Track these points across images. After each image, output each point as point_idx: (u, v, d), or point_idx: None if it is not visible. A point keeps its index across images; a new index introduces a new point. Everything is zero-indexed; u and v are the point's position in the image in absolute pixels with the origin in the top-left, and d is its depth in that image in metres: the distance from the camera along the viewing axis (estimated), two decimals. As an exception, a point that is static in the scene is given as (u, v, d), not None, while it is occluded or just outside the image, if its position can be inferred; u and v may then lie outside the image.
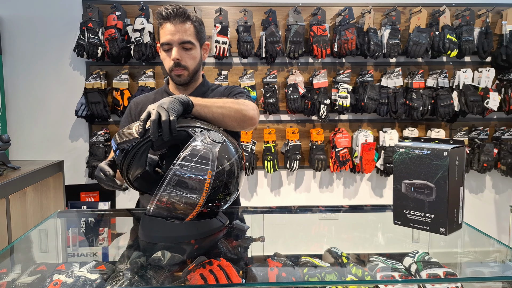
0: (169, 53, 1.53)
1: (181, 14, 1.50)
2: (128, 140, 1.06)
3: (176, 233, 1.10)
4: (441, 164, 1.07)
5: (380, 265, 1.11)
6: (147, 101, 1.64)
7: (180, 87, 1.63)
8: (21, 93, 3.18)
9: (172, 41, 1.51)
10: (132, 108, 1.67)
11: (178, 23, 1.50)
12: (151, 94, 1.70)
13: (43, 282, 0.98)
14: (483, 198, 3.50)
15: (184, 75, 1.56)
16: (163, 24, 1.52)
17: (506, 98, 3.26)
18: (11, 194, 2.29)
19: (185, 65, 1.54)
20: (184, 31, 1.51)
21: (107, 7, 3.13)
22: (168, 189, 1.03)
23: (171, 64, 1.54)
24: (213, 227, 1.14)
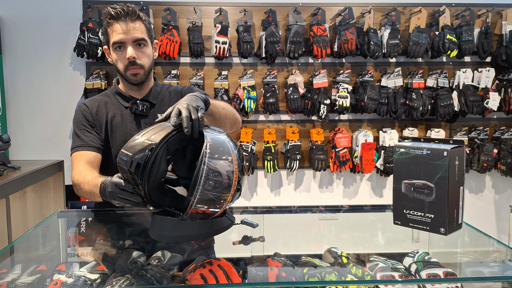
0: (121, 52, 1.50)
1: (132, 13, 1.48)
2: (144, 147, 1.00)
3: (188, 232, 1.06)
4: (441, 164, 1.07)
5: (380, 265, 1.11)
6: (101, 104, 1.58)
7: (134, 87, 1.57)
8: (21, 93, 3.18)
9: (125, 39, 1.47)
10: (86, 111, 1.56)
11: (130, 21, 1.47)
12: (101, 97, 1.62)
13: (43, 282, 0.98)
14: (483, 198, 3.50)
15: (140, 73, 1.53)
16: (113, 23, 1.48)
17: (506, 98, 3.26)
18: (11, 194, 2.29)
19: (141, 63, 1.51)
20: (136, 29, 1.49)
21: (107, 7, 3.12)
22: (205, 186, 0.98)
23: (125, 63, 1.50)
24: (224, 225, 1.12)
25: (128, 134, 1.53)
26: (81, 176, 1.37)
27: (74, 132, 1.55)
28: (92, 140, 1.51)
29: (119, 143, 1.53)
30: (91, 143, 1.51)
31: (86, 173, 1.37)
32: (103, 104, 1.58)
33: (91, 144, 1.50)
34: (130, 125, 1.55)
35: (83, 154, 1.48)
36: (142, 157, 0.98)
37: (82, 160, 1.46)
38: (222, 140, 1.05)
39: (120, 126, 1.55)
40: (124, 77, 1.54)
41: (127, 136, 1.53)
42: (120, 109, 1.57)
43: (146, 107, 1.56)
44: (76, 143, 1.51)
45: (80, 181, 1.36)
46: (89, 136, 1.52)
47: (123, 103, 1.58)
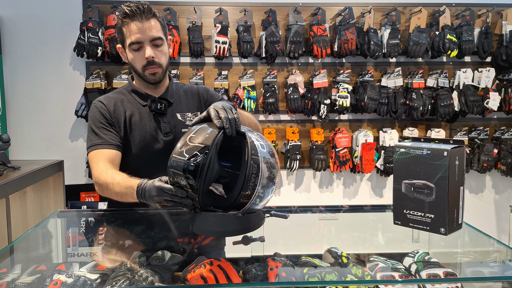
0: (139, 52, 1.48)
1: (148, 11, 1.46)
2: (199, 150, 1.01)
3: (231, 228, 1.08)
4: (441, 164, 1.07)
5: (380, 265, 1.11)
6: (117, 102, 1.56)
7: (151, 86, 1.56)
8: (21, 93, 3.18)
9: (143, 39, 1.45)
10: (103, 108, 1.54)
11: (145, 20, 1.45)
12: (116, 95, 1.59)
13: (43, 282, 0.98)
14: (483, 198, 3.50)
15: (158, 72, 1.51)
16: (128, 23, 1.45)
17: (506, 98, 3.26)
18: (11, 194, 2.29)
19: (159, 62, 1.50)
20: (152, 27, 1.47)
21: (107, 7, 3.13)
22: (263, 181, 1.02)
23: (144, 63, 1.48)
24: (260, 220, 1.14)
25: (147, 132, 1.52)
26: (108, 176, 1.34)
27: (91, 129, 1.51)
28: (112, 138, 1.49)
29: (138, 141, 1.52)
30: (111, 141, 1.48)
31: (114, 174, 1.35)
32: (120, 102, 1.56)
33: (111, 142, 1.48)
34: (148, 123, 1.54)
35: (103, 152, 1.45)
36: (199, 160, 1.00)
37: (103, 159, 1.43)
38: (260, 136, 1.10)
39: (139, 124, 1.53)
40: (142, 76, 1.52)
41: (146, 134, 1.52)
42: (137, 107, 1.56)
43: (164, 105, 1.55)
44: (94, 141, 1.48)
45: (107, 181, 1.33)
46: (108, 134, 1.49)
47: (140, 101, 1.57)
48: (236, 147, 1.08)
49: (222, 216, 1.06)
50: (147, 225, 1.48)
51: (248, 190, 1.01)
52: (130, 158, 1.53)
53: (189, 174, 1.00)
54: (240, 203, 1.03)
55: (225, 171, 1.16)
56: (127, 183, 1.25)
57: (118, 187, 1.29)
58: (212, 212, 1.07)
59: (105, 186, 1.34)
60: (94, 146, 1.47)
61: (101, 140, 1.48)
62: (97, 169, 1.40)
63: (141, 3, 1.46)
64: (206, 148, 1.01)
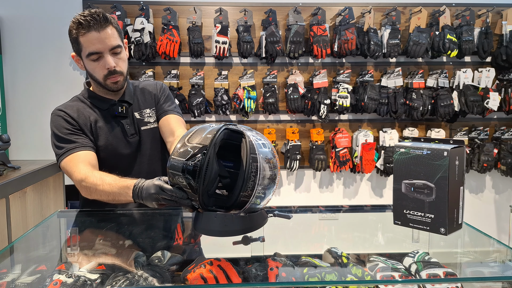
0: (98, 62, 1.45)
1: (104, 20, 1.42)
2: (197, 151, 1.01)
3: (234, 227, 1.09)
4: (441, 164, 1.07)
5: (380, 265, 1.11)
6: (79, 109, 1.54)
7: (111, 92, 1.55)
8: (21, 93, 3.18)
9: (102, 49, 1.43)
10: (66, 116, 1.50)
11: (102, 29, 1.41)
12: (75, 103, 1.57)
13: (43, 282, 0.98)
14: (483, 198, 3.50)
15: (120, 80, 1.50)
16: (83, 33, 1.41)
17: (506, 98, 3.26)
18: (11, 194, 2.29)
19: (120, 70, 1.49)
20: (110, 36, 1.44)
21: (107, 7, 3.13)
22: (261, 180, 1.03)
23: (105, 72, 1.47)
24: (262, 220, 1.14)
25: (113, 136, 1.54)
26: (96, 178, 1.33)
27: (59, 138, 1.47)
28: (85, 142, 1.47)
29: (105, 146, 1.53)
30: (85, 143, 1.46)
31: (102, 175, 1.33)
32: (82, 108, 1.54)
33: (86, 144, 1.46)
34: (113, 128, 1.55)
35: (80, 155, 1.43)
36: (198, 161, 1.00)
37: (82, 161, 1.41)
38: (260, 135, 1.10)
39: (104, 129, 1.53)
40: (103, 85, 1.51)
41: (112, 138, 1.53)
42: (99, 113, 1.55)
43: (125, 108, 1.56)
44: (66, 147, 1.44)
45: (96, 183, 1.31)
46: (80, 138, 1.47)
47: (101, 106, 1.56)
48: (237, 146, 1.07)
49: (224, 215, 1.07)
50: (147, 225, 1.48)
51: (247, 190, 1.01)
52: (100, 163, 1.50)
53: (188, 175, 1.00)
54: (240, 202, 1.03)
55: (226, 170, 1.16)
56: (121, 183, 1.24)
57: (109, 188, 1.28)
58: (214, 212, 1.07)
59: (94, 189, 1.32)
60: (67, 152, 1.44)
61: (75, 145, 1.45)
62: (80, 172, 1.37)
63: (96, 12, 1.42)
64: (204, 148, 1.00)
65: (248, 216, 1.09)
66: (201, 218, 1.11)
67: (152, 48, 3.05)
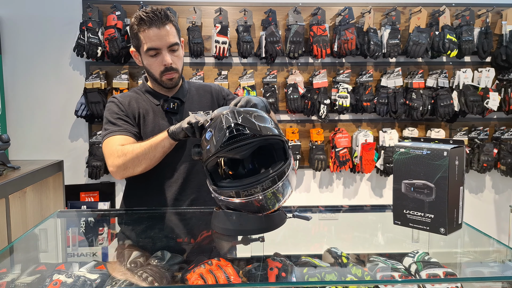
0: (156, 58, 1.50)
1: (165, 17, 1.47)
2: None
3: (250, 227, 1.12)
4: (441, 164, 1.07)
5: (380, 265, 1.11)
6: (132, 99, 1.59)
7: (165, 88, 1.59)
8: (21, 93, 3.18)
9: (160, 45, 1.48)
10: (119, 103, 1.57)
11: (162, 26, 1.47)
12: (131, 93, 1.63)
13: (42, 282, 0.98)
14: (483, 198, 3.50)
15: (175, 77, 1.55)
16: (144, 28, 1.47)
17: (506, 98, 3.26)
18: (11, 194, 2.29)
19: (176, 67, 1.53)
20: (169, 33, 1.49)
21: (107, 7, 3.13)
22: (284, 181, 1.09)
23: (161, 69, 1.51)
24: (282, 219, 1.16)
25: (160, 130, 1.54)
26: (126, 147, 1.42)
27: (107, 121, 1.53)
28: (129, 128, 1.52)
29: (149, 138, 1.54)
30: (128, 128, 1.51)
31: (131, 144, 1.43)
32: (134, 99, 1.59)
33: (128, 129, 1.51)
34: (161, 122, 1.57)
35: (119, 138, 1.48)
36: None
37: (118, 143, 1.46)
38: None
39: (152, 122, 1.56)
40: (159, 81, 1.55)
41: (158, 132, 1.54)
42: (151, 106, 1.59)
43: (177, 104, 1.58)
44: (110, 129, 1.51)
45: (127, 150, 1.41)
46: (125, 124, 1.52)
47: (153, 100, 1.60)
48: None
49: (241, 215, 1.10)
50: (147, 225, 1.48)
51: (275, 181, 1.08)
52: None
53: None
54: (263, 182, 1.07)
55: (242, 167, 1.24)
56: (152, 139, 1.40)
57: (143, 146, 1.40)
58: (232, 211, 1.10)
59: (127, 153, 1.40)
60: (110, 133, 1.50)
61: (118, 128, 1.51)
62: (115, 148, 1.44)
63: (158, 9, 1.48)
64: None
65: (265, 216, 1.11)
66: (218, 217, 1.14)
67: (152, 48, 3.04)
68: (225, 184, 1.12)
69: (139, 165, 1.41)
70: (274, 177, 1.07)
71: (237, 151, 1.08)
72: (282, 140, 1.13)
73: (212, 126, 1.12)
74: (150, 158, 1.39)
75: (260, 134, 1.07)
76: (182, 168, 1.57)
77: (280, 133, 1.14)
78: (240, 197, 1.07)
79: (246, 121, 1.08)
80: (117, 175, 1.46)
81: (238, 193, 1.07)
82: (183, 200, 1.57)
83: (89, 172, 3.12)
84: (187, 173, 1.57)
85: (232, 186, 1.09)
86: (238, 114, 1.09)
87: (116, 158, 1.42)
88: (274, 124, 1.13)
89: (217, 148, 1.07)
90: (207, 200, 1.51)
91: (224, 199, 1.11)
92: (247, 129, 1.06)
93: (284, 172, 1.09)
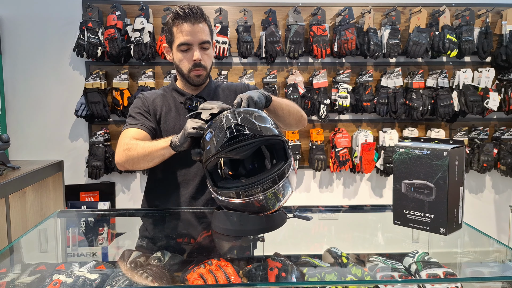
0: (187, 53, 1.53)
1: (200, 15, 1.51)
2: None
3: (251, 227, 1.12)
4: (441, 164, 1.07)
5: (380, 265, 1.11)
6: (158, 96, 1.64)
7: (192, 86, 1.62)
8: (21, 93, 3.18)
9: (192, 41, 1.50)
10: (144, 98, 1.62)
11: (196, 23, 1.50)
12: (160, 91, 1.68)
13: (42, 282, 0.98)
14: (483, 198, 3.50)
15: (203, 75, 1.56)
16: (179, 24, 1.50)
17: (506, 98, 3.26)
18: (10, 194, 2.28)
19: (205, 65, 1.55)
20: (202, 31, 1.52)
21: (107, 7, 3.13)
22: (285, 181, 1.09)
23: (191, 64, 1.53)
24: (282, 220, 1.17)
25: (180, 128, 1.54)
26: (132, 143, 1.43)
27: (129, 115, 1.59)
28: (145, 123, 1.55)
29: (171, 134, 1.55)
30: (145, 123, 1.54)
31: (138, 142, 1.44)
32: (160, 96, 1.63)
33: (144, 124, 1.54)
34: (183, 119, 1.57)
35: (132, 131, 1.52)
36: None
37: (131, 136, 1.49)
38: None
39: (174, 119, 1.59)
40: (186, 77, 1.57)
41: (179, 130, 1.54)
42: (175, 104, 1.62)
43: (199, 103, 1.57)
44: (129, 122, 1.56)
45: (132, 145, 1.42)
46: (143, 119, 1.56)
47: (178, 98, 1.62)
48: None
49: (242, 215, 1.10)
50: (147, 225, 1.48)
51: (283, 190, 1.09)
52: None
53: None
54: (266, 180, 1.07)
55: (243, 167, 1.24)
56: (156, 142, 1.39)
57: (145, 147, 1.40)
58: (233, 211, 1.10)
59: (130, 148, 1.42)
60: (127, 125, 1.55)
61: (135, 121, 1.55)
62: (125, 140, 1.48)
63: (194, 7, 1.51)
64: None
65: (266, 217, 1.11)
66: (218, 217, 1.14)
67: (152, 48, 3.05)
68: (226, 184, 1.12)
69: (138, 164, 1.42)
70: (275, 178, 1.07)
71: (238, 152, 1.08)
72: (282, 140, 1.13)
73: (212, 126, 1.12)
74: (148, 161, 1.40)
75: (260, 135, 1.07)
76: (200, 167, 1.58)
77: (280, 133, 1.14)
78: (241, 198, 1.07)
79: (246, 121, 1.08)
80: (119, 166, 1.48)
81: (238, 194, 1.07)
82: (200, 199, 1.57)
83: (89, 172, 3.12)
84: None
85: (233, 187, 1.09)
86: (239, 114, 1.09)
87: (121, 151, 1.46)
88: (274, 124, 1.14)
89: (217, 148, 1.07)
90: None
91: (224, 200, 1.11)
92: (247, 130, 1.06)
93: (285, 172, 1.09)
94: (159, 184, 1.61)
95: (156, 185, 1.63)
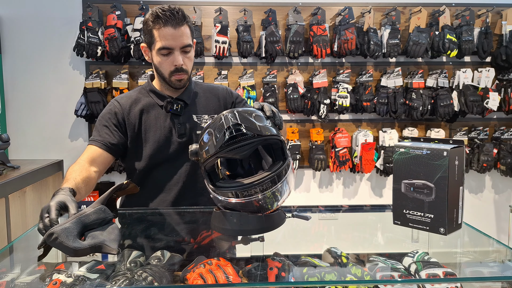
0: (167, 57, 1.48)
1: (182, 18, 1.45)
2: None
3: (252, 227, 1.12)
4: (440, 164, 1.07)
5: (379, 265, 1.11)
6: (134, 102, 1.57)
7: (172, 89, 1.57)
8: (21, 93, 3.18)
9: (174, 46, 1.46)
10: (117, 108, 1.55)
11: (178, 26, 1.44)
12: (135, 94, 1.61)
13: (42, 281, 0.98)
14: (482, 198, 3.50)
15: (184, 79, 1.53)
16: (160, 27, 1.44)
17: (505, 98, 3.26)
18: (10, 194, 2.29)
19: (186, 69, 1.51)
20: (184, 34, 1.46)
21: (107, 6, 3.13)
22: (284, 180, 1.09)
23: (172, 69, 1.49)
24: (281, 219, 1.16)
25: (161, 133, 1.53)
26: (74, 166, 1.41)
27: (96, 125, 1.56)
28: (106, 139, 1.51)
29: (152, 142, 1.53)
30: (105, 140, 1.51)
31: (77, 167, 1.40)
32: (138, 101, 1.58)
33: (105, 141, 1.50)
34: (163, 124, 1.55)
35: (92, 149, 1.50)
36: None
37: (87, 154, 1.48)
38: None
39: (154, 125, 1.55)
40: (167, 81, 1.53)
41: (160, 135, 1.53)
42: (154, 108, 1.57)
43: (180, 106, 1.55)
44: (92, 137, 1.54)
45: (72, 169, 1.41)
46: (105, 135, 1.51)
47: (157, 101, 1.58)
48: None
49: (241, 215, 1.09)
50: (147, 225, 1.47)
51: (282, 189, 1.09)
52: (143, 159, 1.54)
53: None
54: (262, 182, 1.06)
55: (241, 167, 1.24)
56: (67, 179, 1.33)
57: (68, 178, 1.36)
58: (232, 211, 1.10)
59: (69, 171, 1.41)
60: (90, 141, 1.53)
61: (97, 137, 1.52)
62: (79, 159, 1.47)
63: (175, 9, 1.45)
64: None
65: (265, 216, 1.11)
66: (217, 217, 1.14)
67: (152, 47, 3.04)
68: (224, 184, 1.12)
69: None
70: (274, 177, 1.07)
71: (238, 151, 1.08)
72: (280, 140, 1.13)
73: (211, 126, 1.12)
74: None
75: (260, 134, 1.07)
76: (183, 172, 1.56)
77: (278, 133, 1.14)
78: (239, 198, 1.07)
79: (246, 121, 1.08)
80: None
81: (237, 194, 1.07)
82: (182, 205, 1.56)
83: (89, 172, 3.12)
84: (187, 177, 1.56)
85: (231, 187, 1.09)
86: (238, 114, 1.09)
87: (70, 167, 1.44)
88: (271, 124, 1.14)
89: (217, 148, 1.07)
90: (208, 205, 1.50)
91: (223, 200, 1.11)
92: (247, 129, 1.06)
93: (283, 173, 1.09)
94: (140, 189, 1.58)
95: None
